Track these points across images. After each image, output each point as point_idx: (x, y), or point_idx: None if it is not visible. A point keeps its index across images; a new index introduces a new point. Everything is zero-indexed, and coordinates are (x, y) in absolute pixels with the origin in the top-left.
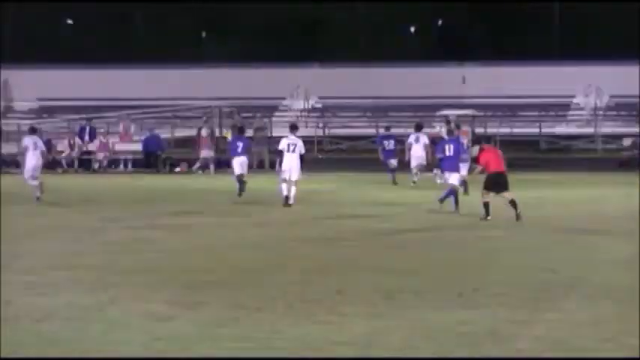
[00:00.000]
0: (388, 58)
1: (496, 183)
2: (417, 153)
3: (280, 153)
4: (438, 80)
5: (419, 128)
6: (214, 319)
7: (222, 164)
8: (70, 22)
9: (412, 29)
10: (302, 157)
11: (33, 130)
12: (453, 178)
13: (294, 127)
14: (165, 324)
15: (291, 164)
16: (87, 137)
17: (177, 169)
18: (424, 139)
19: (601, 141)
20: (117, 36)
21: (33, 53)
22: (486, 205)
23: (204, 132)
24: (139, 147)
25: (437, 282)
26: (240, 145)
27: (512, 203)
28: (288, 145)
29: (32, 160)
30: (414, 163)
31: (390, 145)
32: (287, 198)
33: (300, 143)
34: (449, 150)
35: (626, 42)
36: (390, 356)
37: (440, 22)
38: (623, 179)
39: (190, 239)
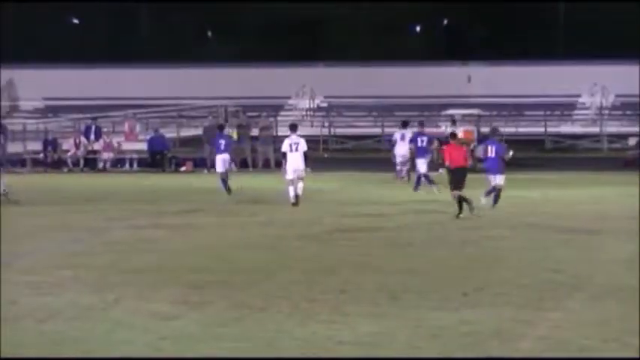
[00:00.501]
0: (392, 58)
1: (455, 177)
2: (401, 151)
3: (284, 155)
4: (443, 80)
5: (405, 125)
6: (218, 319)
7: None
8: (75, 21)
9: (418, 28)
10: (306, 155)
11: None
12: (499, 180)
13: (294, 127)
14: (170, 323)
15: (295, 163)
16: (92, 136)
17: (183, 169)
18: (410, 137)
19: (606, 140)
20: (122, 35)
21: (38, 53)
22: (459, 199)
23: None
24: (144, 146)
25: (441, 281)
26: (223, 142)
27: (465, 200)
28: (290, 145)
29: None
30: (398, 160)
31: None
32: (296, 197)
33: (302, 142)
34: (491, 151)
35: (629, 41)
36: (395, 356)
37: (445, 21)
38: (627, 179)
39: (194, 239)
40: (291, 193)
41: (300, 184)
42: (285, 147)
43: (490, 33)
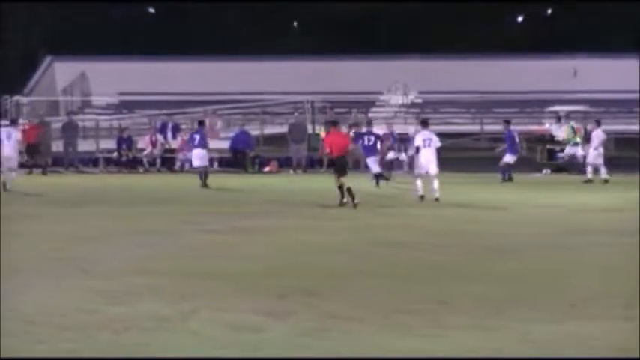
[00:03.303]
0: (491, 50)
1: (337, 166)
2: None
3: (417, 149)
4: (547, 73)
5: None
6: (304, 330)
7: (314, 163)
8: (151, 10)
9: (519, 19)
10: (438, 152)
11: (13, 122)
12: None
13: (425, 123)
14: (251, 335)
15: (428, 159)
16: (169, 134)
17: (267, 169)
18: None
19: None
20: (203, 27)
21: (112, 44)
22: (340, 188)
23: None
24: (225, 145)
25: (542, 290)
26: (197, 137)
27: (348, 190)
28: (424, 140)
29: (6, 150)
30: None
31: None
32: (422, 197)
33: (434, 138)
34: None
35: None
36: None
37: (549, 11)
38: None
39: (274, 243)
40: (420, 192)
41: (436, 182)
42: (418, 142)
43: (597, 24)
